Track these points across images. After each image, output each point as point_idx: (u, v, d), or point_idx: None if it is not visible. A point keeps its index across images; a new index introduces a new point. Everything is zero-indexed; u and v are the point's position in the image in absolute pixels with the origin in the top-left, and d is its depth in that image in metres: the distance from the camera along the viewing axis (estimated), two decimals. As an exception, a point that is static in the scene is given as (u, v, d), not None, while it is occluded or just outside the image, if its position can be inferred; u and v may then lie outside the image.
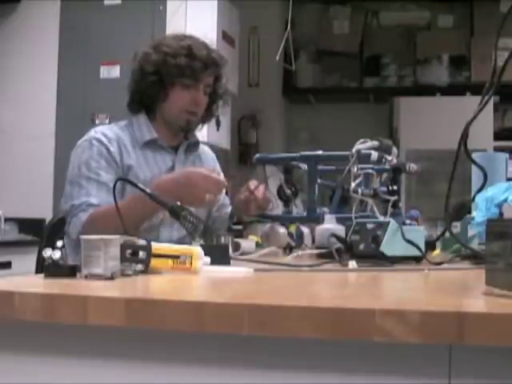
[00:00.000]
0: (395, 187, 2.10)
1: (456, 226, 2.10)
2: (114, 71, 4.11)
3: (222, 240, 1.80)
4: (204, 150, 2.57)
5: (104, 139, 2.28)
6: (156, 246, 1.42)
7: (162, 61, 2.30)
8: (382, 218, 2.00)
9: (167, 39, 2.38)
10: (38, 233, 3.48)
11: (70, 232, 2.19)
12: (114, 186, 1.84)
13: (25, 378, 1.09)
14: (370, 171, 2.10)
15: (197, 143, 2.49)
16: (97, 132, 2.32)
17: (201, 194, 2.06)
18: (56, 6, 4.36)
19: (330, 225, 2.18)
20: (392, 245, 1.78)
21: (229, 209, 2.50)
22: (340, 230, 2.07)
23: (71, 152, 2.33)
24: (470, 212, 2.04)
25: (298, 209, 2.48)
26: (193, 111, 2.35)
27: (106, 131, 2.32)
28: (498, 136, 5.21)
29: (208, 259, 1.49)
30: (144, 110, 2.40)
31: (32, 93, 4.46)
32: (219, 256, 1.59)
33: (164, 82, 2.32)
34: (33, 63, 4.48)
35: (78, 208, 2.19)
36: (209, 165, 2.53)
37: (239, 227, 2.47)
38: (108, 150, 2.26)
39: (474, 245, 1.88)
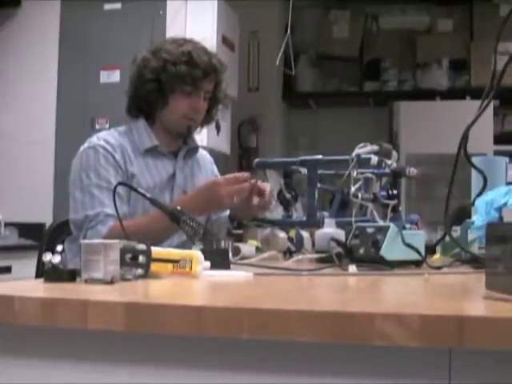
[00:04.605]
0: (395, 191, 2.11)
1: (456, 230, 2.10)
2: (114, 76, 4.12)
3: (222, 244, 1.81)
4: (201, 153, 2.55)
5: (108, 146, 2.26)
6: (156, 251, 1.42)
7: (162, 68, 2.28)
8: (381, 222, 2.00)
9: (166, 44, 2.35)
10: (38, 237, 3.49)
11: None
12: (114, 191, 1.83)
13: (25, 382, 1.08)
14: (370, 175, 2.10)
15: (196, 148, 2.49)
16: (99, 139, 2.29)
17: (226, 200, 2.10)
18: (56, 10, 4.37)
19: (329, 229, 2.18)
20: (392, 249, 1.78)
21: (227, 212, 2.49)
22: (340, 234, 2.07)
23: (73, 158, 2.30)
24: (469, 216, 2.04)
25: (297, 213, 2.48)
26: (192, 118, 2.34)
27: (108, 138, 2.29)
28: (497, 140, 5.20)
29: (208, 264, 1.49)
30: (143, 116, 2.38)
31: (32, 97, 4.47)
32: (219, 260, 1.59)
33: (164, 89, 2.30)
34: (33, 68, 4.49)
35: (94, 219, 2.17)
36: (207, 169, 2.53)
37: (239, 231, 2.47)
38: (114, 157, 2.25)
39: (474, 249, 1.88)
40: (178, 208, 1.81)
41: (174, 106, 2.32)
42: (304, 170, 2.37)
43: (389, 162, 2.16)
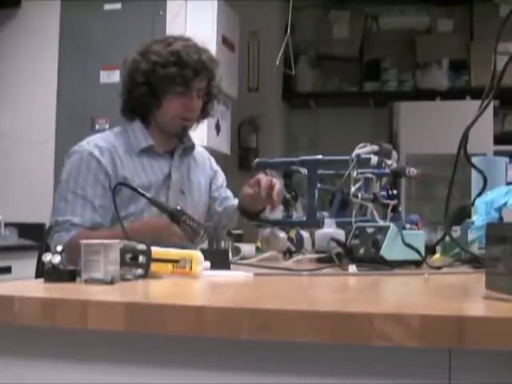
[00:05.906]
0: (395, 191, 2.10)
1: (456, 230, 2.10)
2: (114, 76, 4.10)
3: (222, 244, 1.81)
4: (198, 150, 2.54)
5: (95, 151, 2.25)
6: (156, 251, 1.42)
7: (152, 70, 2.27)
8: (381, 222, 2.00)
9: (155, 44, 2.32)
10: (37, 237, 3.49)
11: (51, 247, 2.20)
12: (114, 193, 1.83)
13: (25, 382, 1.08)
14: (370, 175, 2.10)
15: (192, 146, 2.48)
16: (89, 143, 2.29)
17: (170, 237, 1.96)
18: (56, 10, 4.36)
19: (329, 229, 2.18)
20: (392, 249, 1.78)
21: (234, 201, 2.47)
22: (340, 234, 2.07)
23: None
24: (469, 216, 2.04)
25: (297, 213, 2.48)
26: (187, 117, 2.33)
27: (98, 141, 2.30)
28: (497, 140, 5.20)
29: (208, 264, 1.49)
30: (138, 117, 2.37)
31: (32, 98, 4.47)
32: (219, 260, 1.59)
33: (155, 91, 2.29)
34: (33, 68, 4.48)
35: (60, 225, 2.20)
36: (205, 165, 2.53)
37: (239, 231, 2.47)
38: (99, 162, 2.24)
39: (474, 249, 1.89)
40: (178, 208, 1.81)
41: (167, 107, 2.31)
42: (304, 170, 2.37)
43: (389, 162, 2.16)
